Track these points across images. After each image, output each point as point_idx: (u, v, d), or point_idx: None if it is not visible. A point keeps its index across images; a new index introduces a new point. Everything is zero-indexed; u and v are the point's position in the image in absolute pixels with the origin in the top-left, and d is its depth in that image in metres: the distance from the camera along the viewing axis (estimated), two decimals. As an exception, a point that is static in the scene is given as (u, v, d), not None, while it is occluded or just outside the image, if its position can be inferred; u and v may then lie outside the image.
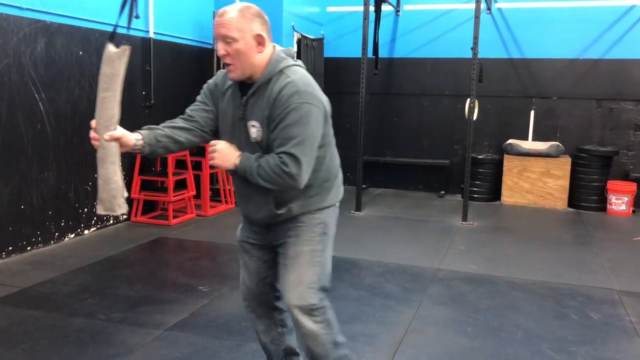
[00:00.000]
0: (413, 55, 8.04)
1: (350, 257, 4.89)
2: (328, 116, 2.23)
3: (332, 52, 8.24)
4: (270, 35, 2.18)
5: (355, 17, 7.88)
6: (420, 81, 8.06)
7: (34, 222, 4.78)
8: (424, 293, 4.09)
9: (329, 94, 8.07)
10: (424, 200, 7.59)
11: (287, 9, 7.09)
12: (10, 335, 3.22)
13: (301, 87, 2.06)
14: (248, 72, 2.12)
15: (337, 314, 3.57)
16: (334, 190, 2.35)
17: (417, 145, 8.16)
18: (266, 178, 2.08)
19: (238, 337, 3.28)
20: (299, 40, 7.40)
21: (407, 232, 5.89)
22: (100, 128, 2.06)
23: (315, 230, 2.28)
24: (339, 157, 2.44)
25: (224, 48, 2.08)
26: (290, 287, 2.25)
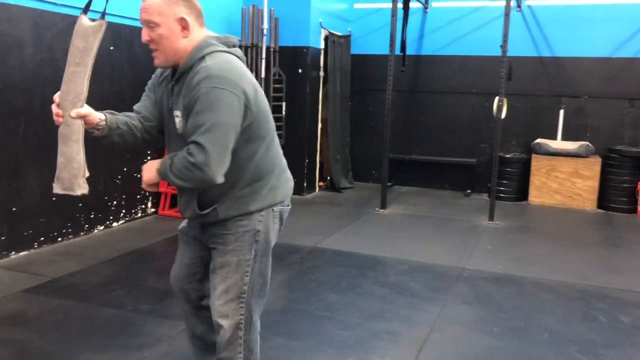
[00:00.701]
0: (440, 53, 7.98)
1: (374, 255, 4.89)
2: (259, 107, 2.03)
3: (358, 49, 8.23)
4: (201, 21, 2.06)
5: (383, 14, 7.86)
6: (448, 79, 8.00)
7: (64, 213, 4.88)
8: (449, 292, 4.07)
9: (355, 91, 8.13)
10: (450, 199, 7.54)
11: (315, 6, 7.10)
12: (42, 323, 3.30)
13: (213, 72, 1.89)
14: (173, 59, 2.00)
15: (361, 311, 3.62)
16: (268, 192, 2.13)
17: (444, 143, 8.10)
18: (178, 175, 1.92)
19: (263, 330, 3.24)
20: (326, 37, 7.41)
21: (432, 231, 5.86)
22: (66, 104, 1.93)
23: (244, 239, 2.11)
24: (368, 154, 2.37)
25: (147, 33, 1.98)
26: (215, 297, 2.15)
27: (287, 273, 4.36)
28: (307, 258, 4.75)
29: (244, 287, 2.14)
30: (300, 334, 3.29)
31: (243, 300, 2.15)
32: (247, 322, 2.19)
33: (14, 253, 4.45)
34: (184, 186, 1.99)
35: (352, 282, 4.20)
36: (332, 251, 4.96)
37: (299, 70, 7.17)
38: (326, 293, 3.95)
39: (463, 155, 7.98)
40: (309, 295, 3.90)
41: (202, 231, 2.22)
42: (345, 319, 3.52)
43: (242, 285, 2.13)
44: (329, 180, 7.93)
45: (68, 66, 1.93)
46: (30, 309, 3.49)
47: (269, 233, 2.18)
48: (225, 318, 2.15)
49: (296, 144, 7.26)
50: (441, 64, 8.00)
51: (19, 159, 4.38)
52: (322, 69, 7.51)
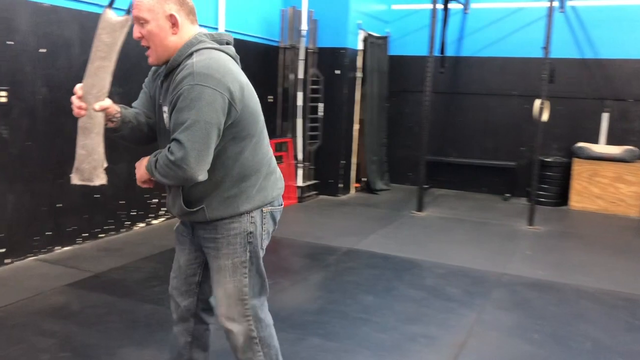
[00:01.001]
0: (480, 54, 7.87)
1: (410, 257, 4.85)
2: (245, 105, 2.00)
3: (396, 50, 8.20)
4: (192, 18, 2.04)
5: (422, 15, 7.80)
6: (487, 80, 7.89)
7: (106, 210, 5.00)
8: (487, 297, 4.01)
9: (392, 92, 8.10)
10: (488, 203, 7.43)
11: (353, 7, 7.10)
12: (85, 317, 3.39)
13: (197, 69, 1.87)
14: (163, 56, 2.00)
15: (397, 314, 3.60)
16: (257, 192, 2.09)
17: (482, 146, 7.99)
18: (161, 172, 1.92)
19: (300, 330, 3.32)
20: (365, 38, 7.40)
21: (469, 235, 5.79)
22: (90, 98, 1.94)
23: (236, 242, 2.09)
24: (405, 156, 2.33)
25: (138, 30, 1.98)
26: (219, 302, 2.15)
27: (323, 274, 4.37)
28: (343, 259, 4.75)
29: (245, 289, 2.12)
30: (336, 335, 3.29)
31: (247, 302, 2.13)
32: (256, 321, 2.17)
33: (58, 248, 4.59)
34: (168, 184, 2.00)
35: (388, 284, 4.18)
36: (368, 253, 4.95)
37: (336, 71, 7.17)
38: (362, 295, 3.94)
39: (502, 159, 7.85)
40: (345, 296, 3.90)
41: (193, 231, 2.20)
42: (382, 321, 3.51)
43: (242, 287, 2.11)
44: (365, 181, 7.92)
45: (93, 60, 1.94)
46: (73, 302, 3.59)
47: (262, 233, 2.15)
48: (232, 322, 2.14)
49: (332, 145, 7.27)
50: (481, 66, 7.90)
51: (64, 157, 4.51)
52: (360, 70, 7.50)
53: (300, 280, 4.20)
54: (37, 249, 4.41)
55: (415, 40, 8.01)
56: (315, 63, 7.06)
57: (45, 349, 2.97)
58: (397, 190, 8.02)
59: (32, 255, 4.38)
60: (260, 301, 2.21)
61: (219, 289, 2.13)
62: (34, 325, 3.24)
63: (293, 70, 7.02)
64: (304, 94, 6.98)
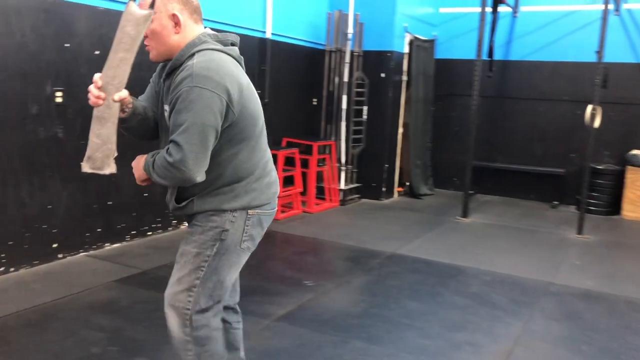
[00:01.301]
0: (530, 58, 7.71)
1: (455, 264, 4.78)
2: (244, 107, 2.00)
3: (443, 53, 8.11)
4: (197, 17, 2.06)
5: (470, 18, 7.70)
6: (537, 85, 7.71)
7: (155, 209, 5.11)
8: (535, 306, 3.92)
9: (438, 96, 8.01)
10: (535, 210, 7.26)
11: (400, 10, 7.07)
12: (133, 312, 3.47)
13: (196, 70, 1.88)
14: (165, 54, 2.03)
15: (441, 321, 3.56)
16: (244, 193, 2.08)
17: (530, 152, 7.82)
18: (159, 173, 1.94)
19: (343, 333, 3.32)
20: (411, 41, 7.35)
21: (516, 242, 5.67)
22: (111, 88, 1.95)
23: (209, 234, 2.07)
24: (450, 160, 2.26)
25: None
26: (169, 284, 2.15)
27: (366, 277, 4.35)
28: (386, 264, 4.72)
29: (196, 281, 2.08)
30: (379, 339, 3.27)
31: (192, 294, 2.09)
32: (196, 320, 2.12)
33: (108, 244, 4.72)
34: (166, 184, 2.03)
35: (432, 290, 4.13)
36: (411, 258, 4.90)
37: (381, 74, 7.15)
38: (406, 300, 3.91)
39: (551, 165, 7.66)
40: (388, 301, 3.88)
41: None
42: (425, 327, 3.47)
43: (194, 278, 2.08)
44: (408, 186, 7.85)
45: (117, 52, 1.95)
46: (122, 298, 3.68)
47: (239, 235, 2.11)
48: (172, 309, 2.12)
49: (376, 148, 7.24)
50: (530, 70, 7.73)
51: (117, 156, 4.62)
52: (405, 73, 7.45)
53: (343, 284, 4.20)
54: (87, 245, 4.55)
55: (463, 44, 7.90)
56: (361, 66, 7.05)
57: (95, 342, 3.06)
58: (441, 196, 7.92)
59: (83, 251, 4.52)
60: (208, 304, 2.13)
61: (175, 273, 2.14)
62: (84, 319, 3.34)
63: (338, 73, 7.03)
64: (349, 97, 6.99)
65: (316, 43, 7.15)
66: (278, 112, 6.63)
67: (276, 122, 6.64)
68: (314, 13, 7.06)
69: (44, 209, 4.19)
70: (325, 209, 6.68)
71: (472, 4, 7.56)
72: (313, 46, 7.12)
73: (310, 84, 7.16)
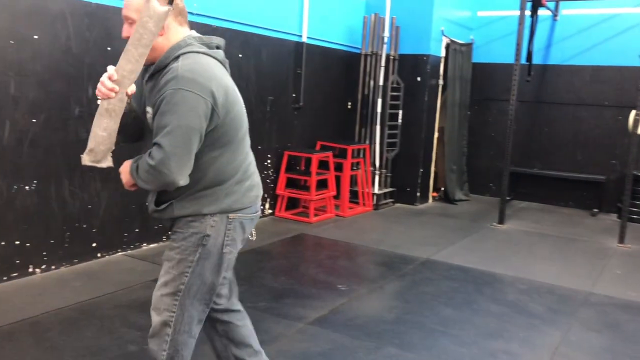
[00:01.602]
0: (570, 63, 7.54)
1: (491, 271, 4.71)
2: (228, 111, 1.98)
3: (480, 57, 8.00)
4: (181, 19, 2.03)
5: (508, 22, 7.58)
6: (577, 90, 7.54)
7: (190, 210, 5.17)
8: (574, 316, 3.82)
9: (474, 100, 7.90)
10: (574, 218, 7.09)
11: (437, 14, 7.01)
12: (169, 312, 3.51)
13: (181, 73, 1.87)
14: (150, 56, 1.96)
15: (477, 328, 3.50)
16: (225, 197, 2.06)
17: (570, 158, 7.64)
18: (142, 177, 1.93)
19: (376, 339, 3.29)
20: (447, 45, 7.28)
21: (554, 250, 5.54)
22: (127, 82, 1.94)
23: (191, 240, 2.05)
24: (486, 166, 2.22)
25: (127, 29, 1.96)
26: (156, 287, 2.13)
27: (400, 283, 4.32)
28: (420, 270, 4.67)
29: (181, 286, 2.07)
30: (413, 346, 3.23)
31: (177, 298, 2.07)
32: (178, 321, 2.09)
33: (145, 245, 4.80)
34: (150, 189, 2.01)
35: (468, 297, 4.07)
36: (446, 264, 4.85)
37: (417, 78, 7.09)
38: (440, 307, 3.86)
39: (591, 172, 7.47)
40: (422, 307, 3.83)
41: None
42: (461, 334, 3.42)
43: (179, 283, 2.07)
44: (443, 191, 7.76)
45: (137, 47, 1.91)
46: (158, 297, 3.73)
47: (221, 240, 2.09)
48: (157, 312, 2.11)
49: (411, 152, 7.19)
50: (570, 74, 7.56)
51: (153, 158, 4.71)
52: (442, 77, 7.38)
53: (377, 289, 4.17)
54: (125, 244, 4.64)
55: (501, 48, 7.78)
56: (396, 70, 7.01)
57: (133, 340, 3.11)
58: (477, 201, 7.81)
59: (121, 251, 4.61)
60: (194, 307, 2.12)
61: (162, 277, 2.11)
62: (122, 317, 3.40)
63: (373, 76, 7.01)
64: (384, 101, 6.95)
65: (351, 47, 7.14)
66: (312, 116, 6.65)
67: (310, 126, 6.66)
68: (349, 17, 7.06)
69: (85, 208, 4.29)
70: (359, 213, 6.66)
71: (510, 7, 7.45)
72: (348, 50, 7.11)
73: (345, 88, 7.16)
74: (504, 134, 6.55)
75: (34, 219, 3.98)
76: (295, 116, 6.38)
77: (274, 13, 5.80)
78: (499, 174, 6.58)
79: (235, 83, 2.13)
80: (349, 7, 7.06)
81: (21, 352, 2.91)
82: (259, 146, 5.86)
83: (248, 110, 2.16)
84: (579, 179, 7.50)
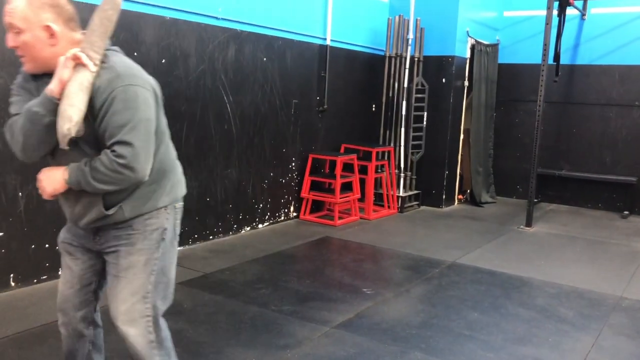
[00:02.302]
0: (599, 62, 7.40)
1: (519, 275, 4.63)
2: (159, 102, 2.02)
3: (506, 58, 7.91)
4: (73, 25, 1.94)
5: (535, 22, 7.48)
6: (607, 90, 7.39)
7: (216, 213, 5.22)
8: (605, 322, 3.74)
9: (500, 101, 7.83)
10: (604, 220, 6.95)
11: (462, 14, 6.94)
12: (195, 315, 3.54)
13: (121, 70, 1.86)
14: (44, 66, 1.89)
15: (505, 333, 3.45)
16: (171, 188, 2.10)
17: (599, 160, 7.49)
18: (105, 180, 1.85)
19: (402, 343, 3.27)
20: (472, 45, 7.21)
21: (584, 254, 5.43)
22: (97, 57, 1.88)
23: (152, 238, 2.04)
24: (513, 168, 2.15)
25: (12, 39, 1.86)
26: (120, 302, 2.04)
27: (426, 287, 4.28)
28: (447, 273, 4.63)
29: (149, 286, 2.05)
30: (440, 351, 3.20)
31: (148, 300, 2.05)
32: (155, 322, 2.09)
33: (171, 247, 4.83)
34: (108, 190, 1.90)
35: (495, 301, 4.02)
36: (472, 268, 4.79)
37: (442, 79, 7.03)
38: (467, 311, 3.81)
39: (621, 173, 7.31)
40: (448, 311, 3.79)
41: (95, 237, 2.08)
42: (489, 339, 3.37)
43: (147, 284, 2.05)
44: (469, 193, 7.68)
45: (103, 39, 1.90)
46: (185, 300, 3.76)
47: (173, 229, 2.13)
48: (132, 324, 2.05)
49: (436, 154, 7.13)
50: (599, 74, 7.42)
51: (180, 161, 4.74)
52: (467, 78, 7.31)
53: (403, 292, 4.14)
54: (152, 247, 4.68)
55: (528, 48, 7.68)
56: (421, 71, 6.97)
57: (160, 343, 3.13)
58: (504, 204, 7.71)
59: (148, 253, 4.65)
60: (162, 302, 2.14)
61: (123, 289, 2.04)
62: (149, 319, 3.43)
63: (398, 78, 6.97)
64: (408, 103, 6.91)
65: (375, 49, 7.12)
66: (337, 118, 6.64)
67: (335, 128, 6.65)
68: (373, 19, 7.04)
69: (112, 212, 4.34)
70: (384, 216, 6.62)
71: (537, 7, 7.35)
72: (372, 52, 7.09)
73: (369, 90, 7.14)
74: (530, 135, 6.46)
75: (64, 222, 4.03)
76: (320, 119, 6.38)
77: (298, 16, 5.82)
78: (526, 176, 6.48)
79: (260, 87, 2.14)
80: (373, 10, 7.04)
81: (51, 355, 2.96)
82: (283, 149, 5.88)
83: (272, 113, 2.18)
84: (608, 181, 7.35)
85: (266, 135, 5.61)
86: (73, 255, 2.16)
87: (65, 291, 2.19)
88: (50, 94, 1.84)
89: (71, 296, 2.17)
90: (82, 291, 2.18)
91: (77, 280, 2.16)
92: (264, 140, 5.60)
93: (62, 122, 1.83)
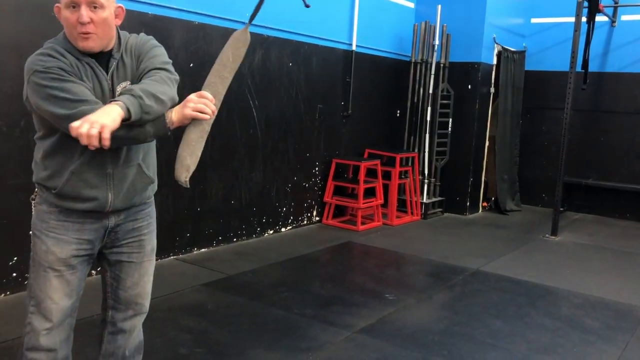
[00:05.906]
0: (629, 70, 7.28)
1: (544, 284, 4.58)
2: None
3: (533, 65, 7.83)
4: None
5: (563, 29, 7.40)
6: (637, 98, 7.27)
7: (240, 216, 5.26)
8: (632, 334, 3.67)
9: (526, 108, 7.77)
10: (632, 230, 6.82)
11: (489, 21, 6.90)
12: (218, 316, 3.58)
13: (144, 36, 2.09)
14: (106, 45, 1.96)
15: (529, 343, 3.42)
16: None
17: (627, 169, 7.36)
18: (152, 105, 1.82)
19: (424, 349, 3.25)
20: (499, 52, 7.16)
21: (611, 264, 5.34)
22: (218, 105, 1.98)
23: (154, 216, 2.27)
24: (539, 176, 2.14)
25: (90, 14, 1.85)
26: (148, 286, 2.23)
27: (449, 294, 4.25)
28: (470, 281, 4.59)
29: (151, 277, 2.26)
30: (461, 358, 3.18)
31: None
32: None
33: (195, 249, 4.89)
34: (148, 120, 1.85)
35: (519, 310, 3.97)
36: (496, 276, 4.74)
37: (468, 86, 7.00)
38: (490, 319, 3.78)
39: (650, 183, 7.18)
40: (471, 319, 3.76)
41: (111, 233, 2.09)
42: (512, 348, 3.34)
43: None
44: (494, 201, 7.62)
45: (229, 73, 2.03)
46: (208, 301, 3.81)
47: None
48: (148, 297, 2.26)
49: (461, 161, 7.08)
50: (629, 82, 7.30)
51: (205, 164, 4.81)
52: (493, 85, 7.26)
53: (425, 299, 4.12)
54: (177, 249, 4.74)
55: (555, 55, 7.60)
56: (446, 78, 6.94)
57: (183, 343, 3.17)
58: (529, 212, 7.62)
59: (173, 255, 4.72)
60: None
61: (150, 274, 2.24)
62: (173, 320, 3.48)
63: (423, 84, 6.96)
64: (433, 109, 6.89)
65: (401, 54, 7.11)
66: (361, 124, 6.65)
67: (359, 134, 6.66)
68: (399, 25, 7.04)
69: (139, 213, 4.41)
70: (407, 222, 6.60)
71: (565, 13, 7.28)
72: (398, 57, 7.09)
73: (394, 96, 7.13)
74: (557, 143, 6.38)
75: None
76: (344, 124, 6.39)
77: (324, 22, 5.85)
78: (552, 185, 6.40)
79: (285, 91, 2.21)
80: (399, 16, 7.04)
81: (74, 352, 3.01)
82: (307, 153, 5.91)
83: (297, 117, 2.23)
84: (637, 190, 7.22)
85: (290, 140, 5.64)
86: (74, 268, 2.05)
87: (58, 307, 2.03)
88: (170, 123, 1.93)
89: (65, 310, 2.06)
90: (75, 303, 2.11)
91: (74, 293, 2.08)
92: (288, 145, 5.63)
93: (181, 171, 1.90)
